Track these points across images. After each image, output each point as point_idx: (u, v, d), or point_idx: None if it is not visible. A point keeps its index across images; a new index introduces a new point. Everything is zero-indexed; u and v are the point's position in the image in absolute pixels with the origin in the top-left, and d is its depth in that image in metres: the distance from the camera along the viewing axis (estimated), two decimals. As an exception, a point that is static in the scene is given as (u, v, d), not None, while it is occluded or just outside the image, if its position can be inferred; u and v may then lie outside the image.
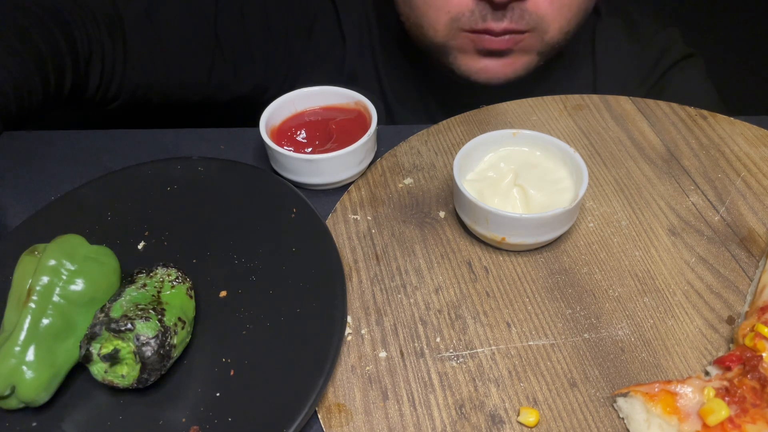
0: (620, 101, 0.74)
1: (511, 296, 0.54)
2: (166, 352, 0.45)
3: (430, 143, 0.69)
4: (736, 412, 0.42)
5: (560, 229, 0.56)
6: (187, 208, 0.61)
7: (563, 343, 0.51)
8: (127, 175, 0.64)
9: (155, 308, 0.46)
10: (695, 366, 0.49)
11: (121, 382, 0.45)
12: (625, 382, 0.48)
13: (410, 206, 0.63)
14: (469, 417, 0.46)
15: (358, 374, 0.49)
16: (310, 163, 0.61)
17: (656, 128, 0.70)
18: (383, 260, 0.58)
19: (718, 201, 0.62)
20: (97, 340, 0.45)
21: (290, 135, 0.66)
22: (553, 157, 0.60)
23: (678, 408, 0.43)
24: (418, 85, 0.89)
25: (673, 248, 0.58)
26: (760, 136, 0.68)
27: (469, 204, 0.55)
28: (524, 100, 0.75)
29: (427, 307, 0.54)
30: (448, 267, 0.57)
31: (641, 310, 0.53)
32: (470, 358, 0.50)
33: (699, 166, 0.65)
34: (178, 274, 0.51)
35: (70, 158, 0.70)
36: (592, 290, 0.54)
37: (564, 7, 0.70)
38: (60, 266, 0.47)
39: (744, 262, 0.56)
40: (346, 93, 0.68)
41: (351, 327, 0.53)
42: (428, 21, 0.73)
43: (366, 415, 0.47)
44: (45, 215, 0.60)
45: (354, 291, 0.55)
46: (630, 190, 0.63)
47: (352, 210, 0.62)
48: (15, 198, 0.65)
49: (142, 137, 0.72)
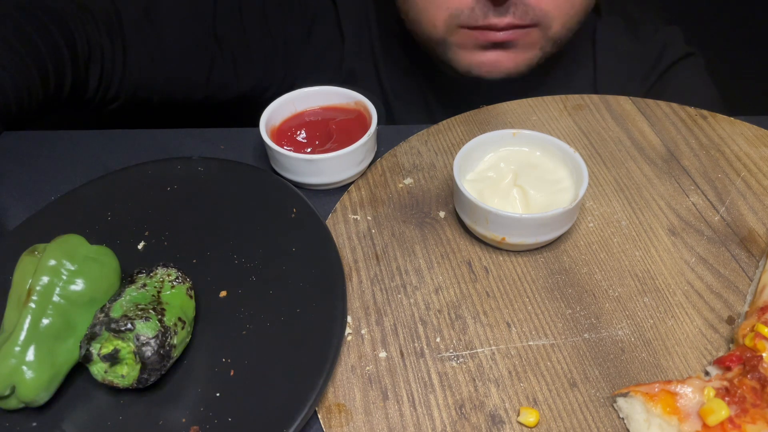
0: (620, 101, 0.74)
1: (511, 296, 0.54)
2: (166, 352, 0.45)
3: (430, 143, 0.69)
4: (736, 412, 0.42)
5: (560, 229, 0.56)
6: (187, 208, 0.61)
7: (563, 343, 0.51)
8: (127, 175, 0.64)
9: (155, 308, 0.46)
10: (695, 366, 0.49)
11: (121, 382, 0.45)
12: (625, 382, 0.48)
13: (410, 206, 0.63)
14: (469, 417, 0.46)
15: (358, 374, 0.49)
16: (310, 163, 0.61)
17: (656, 128, 0.70)
18: (383, 260, 0.58)
19: (718, 201, 0.62)
20: (97, 340, 0.45)
21: (290, 135, 0.66)
22: (553, 157, 0.60)
23: (678, 408, 0.43)
24: (418, 84, 0.89)
25: (673, 248, 0.58)
26: (760, 136, 0.68)
27: (469, 204, 0.55)
28: (524, 100, 0.75)
29: (427, 307, 0.54)
30: (448, 267, 0.57)
31: (641, 310, 0.53)
32: (470, 358, 0.50)
33: (699, 166, 0.65)
34: (178, 274, 0.51)
35: (70, 158, 0.70)
36: (592, 290, 0.54)
37: (567, 3, 0.70)
38: (60, 266, 0.47)
39: (744, 262, 0.56)
40: (346, 93, 0.68)
41: (351, 327, 0.53)
42: (427, 17, 0.73)
43: (366, 415, 0.47)
44: (45, 215, 0.60)
45: (354, 291, 0.55)
46: (630, 190, 0.63)
47: (352, 210, 0.62)
48: (15, 198, 0.65)
49: (142, 137, 0.72)
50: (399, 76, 0.89)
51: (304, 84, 0.68)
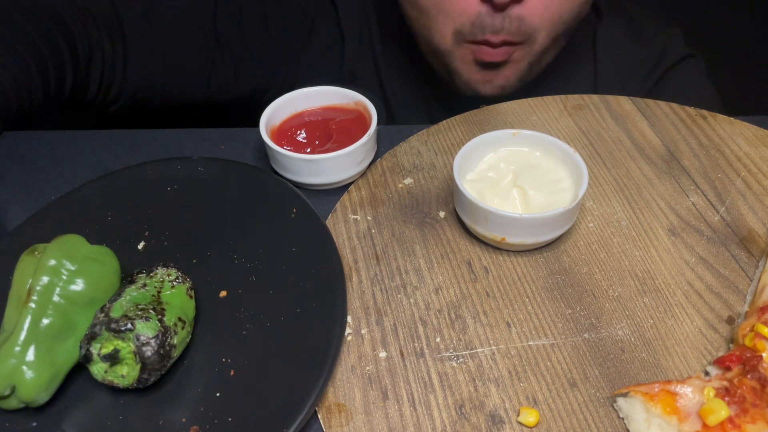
0: (620, 101, 0.74)
1: (511, 296, 0.54)
2: (166, 352, 0.45)
3: (430, 143, 0.69)
4: (736, 412, 0.42)
5: (560, 229, 0.56)
6: (187, 208, 0.61)
7: (563, 343, 0.51)
8: (127, 175, 0.64)
9: (155, 308, 0.46)
10: (695, 366, 0.49)
11: (121, 382, 0.45)
12: (625, 382, 0.48)
13: (410, 206, 0.63)
14: (469, 417, 0.46)
15: (358, 374, 0.49)
16: (310, 163, 0.61)
17: (656, 128, 0.70)
18: (383, 260, 0.58)
19: (718, 201, 0.62)
20: (97, 340, 0.45)
21: (290, 135, 0.66)
22: (553, 157, 0.60)
23: (678, 408, 0.43)
24: (418, 85, 0.89)
25: (673, 248, 0.58)
26: (760, 136, 0.68)
27: (469, 204, 0.55)
28: (524, 100, 0.75)
29: (427, 307, 0.54)
30: (448, 267, 0.57)
31: (641, 310, 0.53)
32: (470, 358, 0.50)
33: (699, 166, 0.65)
34: (178, 274, 0.51)
35: (70, 158, 0.70)
36: (592, 290, 0.54)
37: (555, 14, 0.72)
38: (60, 266, 0.47)
39: (744, 262, 0.56)
40: (346, 93, 0.68)
41: (351, 327, 0.53)
42: (437, 27, 0.74)
43: (366, 415, 0.47)
44: (45, 215, 0.60)
45: (354, 291, 0.55)
46: (630, 190, 0.63)
47: (352, 210, 0.62)
48: (15, 198, 0.65)
49: (142, 137, 0.72)
50: (399, 77, 0.89)
51: (304, 85, 0.68)
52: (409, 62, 0.87)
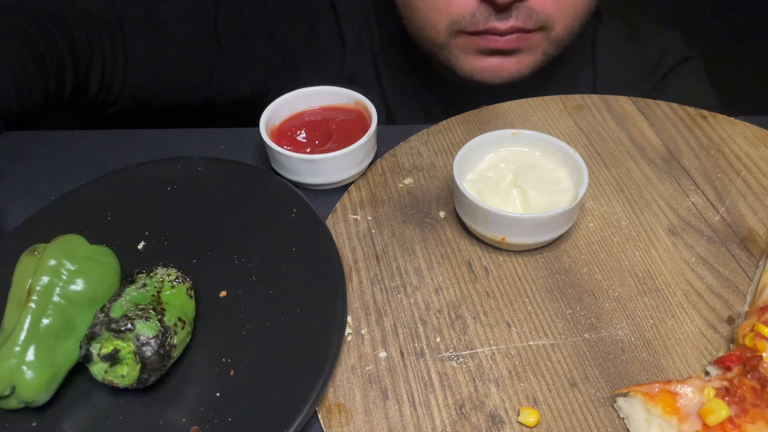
0: (620, 101, 0.74)
1: (511, 296, 0.54)
2: (166, 352, 0.45)
3: (430, 143, 0.69)
4: (736, 412, 0.42)
5: (560, 229, 0.56)
6: (187, 208, 0.61)
7: (563, 343, 0.51)
8: (127, 175, 0.64)
9: (155, 308, 0.46)
10: (695, 366, 0.49)
11: (121, 382, 0.45)
12: (625, 382, 0.48)
13: (410, 206, 0.63)
14: (469, 417, 0.46)
15: (358, 374, 0.49)
16: (310, 163, 0.61)
17: (656, 128, 0.70)
18: (383, 260, 0.58)
19: (718, 201, 0.62)
20: (97, 340, 0.45)
21: (290, 135, 0.66)
22: (553, 157, 0.60)
23: (678, 408, 0.43)
24: (418, 85, 0.89)
25: (673, 248, 0.58)
26: (760, 136, 0.68)
27: (469, 204, 0.55)
28: (524, 100, 0.75)
29: (427, 307, 0.54)
30: (448, 267, 0.57)
31: (641, 310, 0.53)
32: (470, 358, 0.50)
33: (699, 166, 0.65)
34: (178, 274, 0.51)
35: (70, 158, 0.70)
36: (592, 290, 0.54)
37: (569, 6, 0.70)
38: (60, 266, 0.47)
39: (744, 262, 0.56)
40: (346, 93, 0.68)
41: (351, 327, 0.52)
42: (429, 23, 0.73)
43: (366, 415, 0.47)
44: (45, 215, 0.60)
45: (354, 291, 0.55)
46: (630, 190, 0.63)
47: (352, 210, 0.62)
48: (15, 198, 0.65)
49: (142, 137, 0.72)
50: (399, 77, 0.89)
51: (304, 86, 0.68)
52: (409, 63, 0.87)
